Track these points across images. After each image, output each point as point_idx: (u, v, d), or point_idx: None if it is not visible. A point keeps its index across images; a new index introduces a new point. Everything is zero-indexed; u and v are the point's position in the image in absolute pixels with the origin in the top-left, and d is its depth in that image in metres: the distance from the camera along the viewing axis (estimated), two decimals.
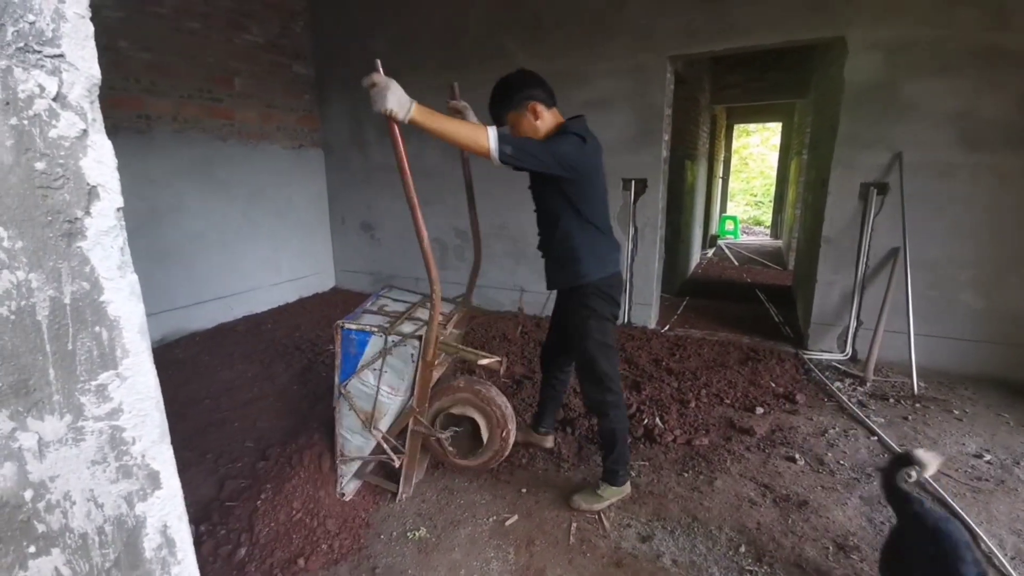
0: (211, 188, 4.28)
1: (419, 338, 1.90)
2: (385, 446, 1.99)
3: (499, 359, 1.87)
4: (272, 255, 4.87)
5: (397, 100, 1.49)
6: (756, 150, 16.45)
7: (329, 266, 5.60)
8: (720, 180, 10.45)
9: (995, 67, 2.95)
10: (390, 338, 1.92)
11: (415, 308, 2.22)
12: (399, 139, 1.65)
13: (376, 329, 1.94)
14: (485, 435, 2.04)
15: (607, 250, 1.98)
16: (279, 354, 3.74)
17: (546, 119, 1.89)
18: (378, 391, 1.95)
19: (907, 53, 3.09)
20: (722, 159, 10.23)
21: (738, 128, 12.79)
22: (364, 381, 1.96)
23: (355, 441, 2.03)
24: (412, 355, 1.92)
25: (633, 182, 4.00)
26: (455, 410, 2.04)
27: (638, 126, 3.92)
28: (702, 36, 3.58)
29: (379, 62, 1.52)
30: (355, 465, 2.07)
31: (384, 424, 2.01)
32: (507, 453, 2.10)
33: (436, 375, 2.00)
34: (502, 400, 2.04)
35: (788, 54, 6.28)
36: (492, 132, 1.62)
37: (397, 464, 2.03)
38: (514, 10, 4.12)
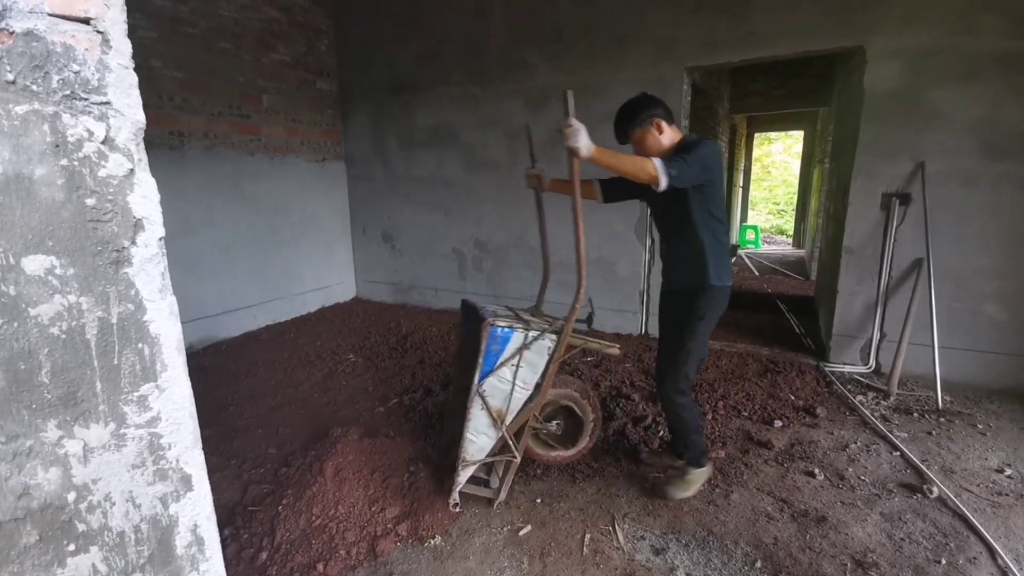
0: (239, 201, 4.44)
1: (557, 333, 2.04)
2: (511, 442, 2.08)
3: (618, 347, 2.17)
4: (295, 265, 5.01)
5: (584, 142, 1.79)
6: (778, 158, 16.23)
7: (350, 276, 5.72)
8: (740, 189, 10.34)
9: (1019, 74, 2.90)
10: (530, 333, 2.03)
11: (522, 314, 2.32)
12: (577, 173, 1.99)
13: (519, 325, 2.03)
14: (588, 423, 2.23)
15: (728, 260, 2.17)
16: (301, 363, 3.84)
17: (668, 134, 2.10)
18: (514, 386, 2.05)
19: (929, 61, 3.06)
20: (742, 168, 10.13)
21: (759, 136, 12.65)
22: (501, 377, 2.04)
23: (479, 442, 2.09)
24: (548, 348, 2.04)
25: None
26: (563, 401, 2.21)
27: None
28: (722, 47, 3.59)
29: (571, 96, 1.75)
30: (471, 470, 2.10)
31: (508, 420, 2.10)
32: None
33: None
34: (586, 387, 2.27)
35: (811, 62, 6.23)
36: (659, 162, 1.84)
37: (518, 459, 2.13)
38: (535, 23, 4.20)
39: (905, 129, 3.18)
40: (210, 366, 3.78)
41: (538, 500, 2.24)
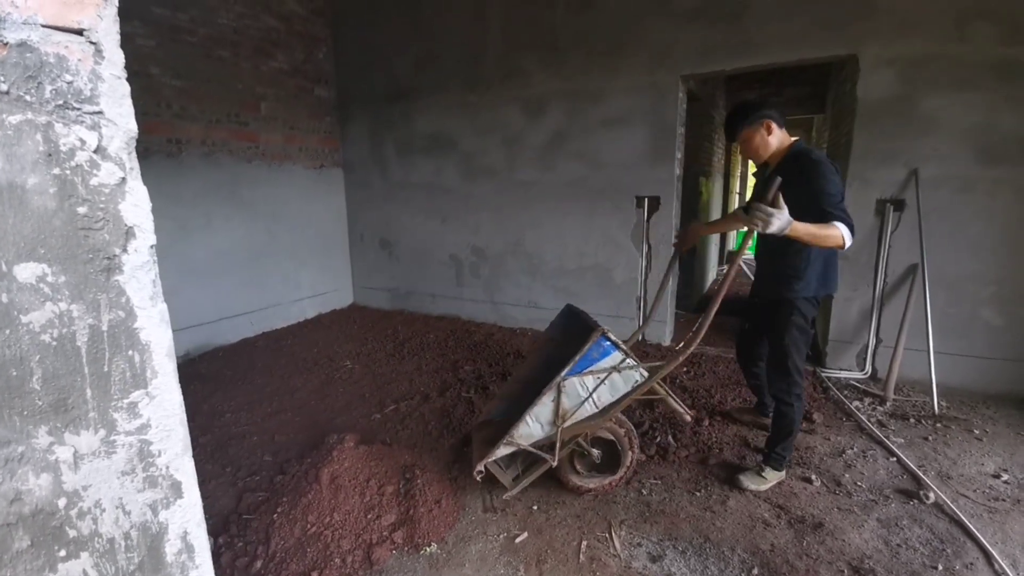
0: (236, 208, 4.45)
1: (650, 370, 2.12)
2: (557, 445, 2.13)
3: (694, 413, 2.36)
4: (293, 272, 5.01)
5: (781, 225, 1.82)
6: None
7: (348, 283, 5.72)
8: (737, 195, 10.38)
9: (1013, 81, 2.93)
10: (628, 360, 2.08)
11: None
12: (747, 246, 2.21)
13: (623, 347, 2.09)
14: (625, 461, 2.30)
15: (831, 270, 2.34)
16: (298, 369, 3.83)
17: (777, 135, 2.23)
18: (589, 398, 2.10)
19: (922, 69, 3.09)
20: (739, 174, 10.17)
21: None
22: (584, 383, 2.09)
23: (532, 430, 2.11)
24: (636, 380, 2.11)
25: (646, 199, 4.03)
26: (602, 433, 2.25)
27: (652, 144, 3.96)
28: (717, 55, 3.62)
29: (778, 183, 1.81)
30: (509, 450, 2.12)
31: (568, 423, 2.14)
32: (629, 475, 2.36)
33: None
34: (631, 426, 2.36)
35: (805, 70, 6.27)
36: (844, 228, 1.95)
37: (554, 464, 2.16)
38: (532, 31, 4.23)
39: (898, 136, 3.20)
40: (206, 373, 3.78)
41: (534, 507, 2.24)
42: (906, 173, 3.22)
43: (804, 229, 1.88)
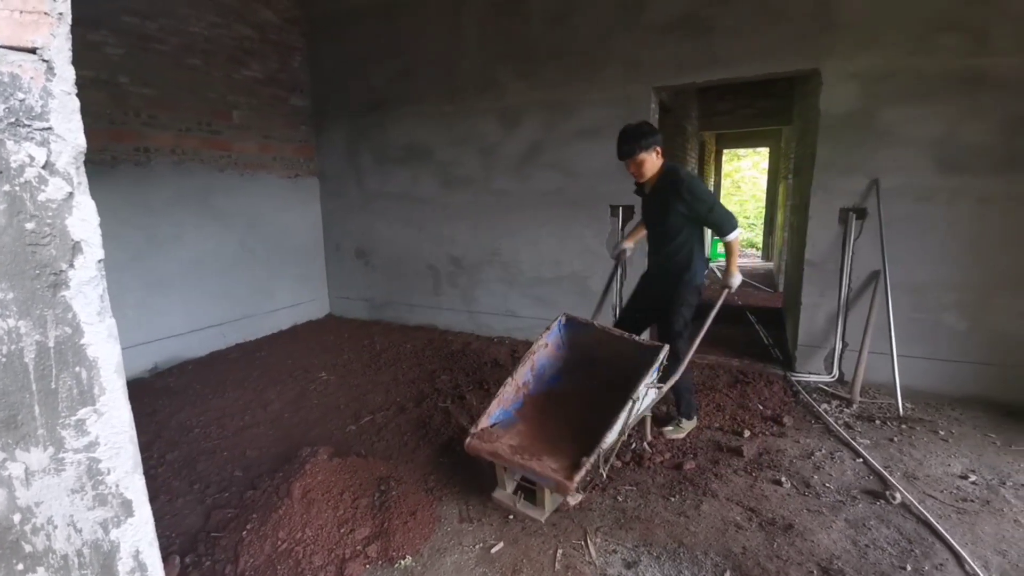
0: (208, 217, 4.37)
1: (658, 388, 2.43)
2: (614, 451, 2.25)
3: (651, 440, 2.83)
4: (267, 282, 4.93)
5: (737, 280, 2.77)
6: (748, 174, 16.70)
7: (324, 293, 5.65)
8: None
9: (977, 92, 3.01)
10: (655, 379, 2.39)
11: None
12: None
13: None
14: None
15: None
16: (272, 381, 3.76)
17: (660, 158, 2.67)
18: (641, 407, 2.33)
19: (884, 82, 3.19)
20: (712, 183, 10.39)
21: (728, 153, 13.03)
22: (648, 392, 2.34)
23: (612, 438, 2.17)
24: (656, 392, 2.46)
25: (621, 208, 4.09)
26: None
27: None
28: (688, 68, 3.72)
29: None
30: (594, 458, 2.10)
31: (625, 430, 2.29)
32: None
33: None
34: None
35: (774, 83, 6.47)
36: (733, 230, 2.62)
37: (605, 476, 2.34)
38: (508, 44, 4.28)
39: (860, 147, 3.32)
40: (175, 387, 3.68)
41: (510, 516, 2.23)
42: (867, 183, 3.34)
43: (732, 263, 2.73)
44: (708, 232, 3.65)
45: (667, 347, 2.37)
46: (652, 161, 2.63)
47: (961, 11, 2.98)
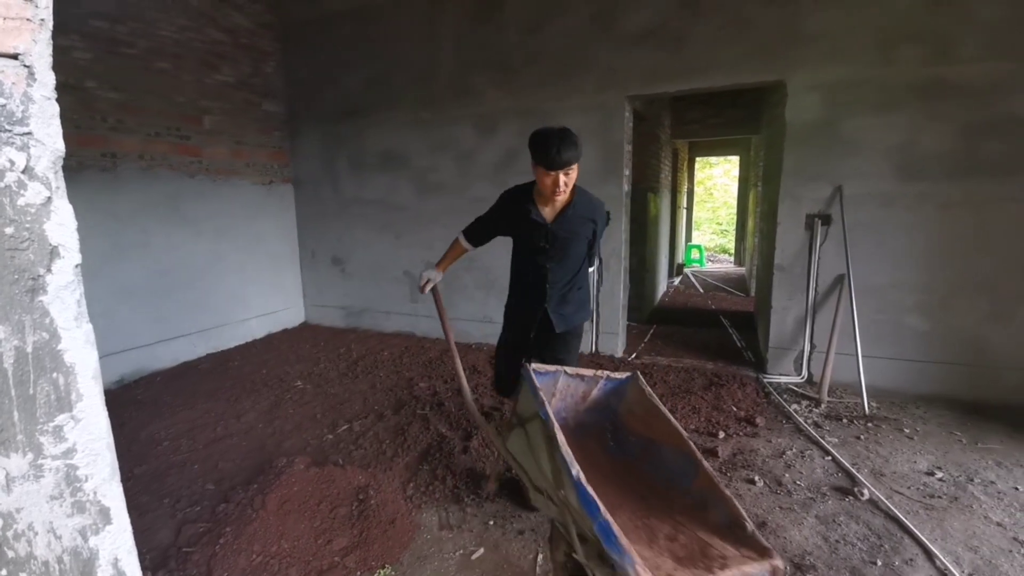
0: (178, 224, 4.26)
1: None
2: None
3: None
4: (240, 290, 4.83)
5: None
6: (720, 181, 17.14)
7: (299, 301, 5.56)
8: (684, 211, 10.83)
9: (937, 100, 3.13)
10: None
11: None
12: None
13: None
14: None
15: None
16: (245, 391, 3.68)
17: None
18: None
19: (847, 93, 3.32)
20: (685, 190, 10.63)
21: (700, 160, 13.35)
22: None
23: None
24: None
25: None
26: None
27: (601, 162, 4.10)
28: (661, 78, 3.81)
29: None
30: None
31: None
32: None
33: None
34: None
35: (742, 94, 6.68)
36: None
37: None
38: (484, 51, 4.32)
39: (824, 156, 3.45)
40: (143, 399, 3.57)
41: (490, 522, 2.23)
42: (831, 190, 3.47)
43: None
44: (682, 239, 3.64)
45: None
46: (576, 173, 2.14)
47: (923, 22, 3.10)
